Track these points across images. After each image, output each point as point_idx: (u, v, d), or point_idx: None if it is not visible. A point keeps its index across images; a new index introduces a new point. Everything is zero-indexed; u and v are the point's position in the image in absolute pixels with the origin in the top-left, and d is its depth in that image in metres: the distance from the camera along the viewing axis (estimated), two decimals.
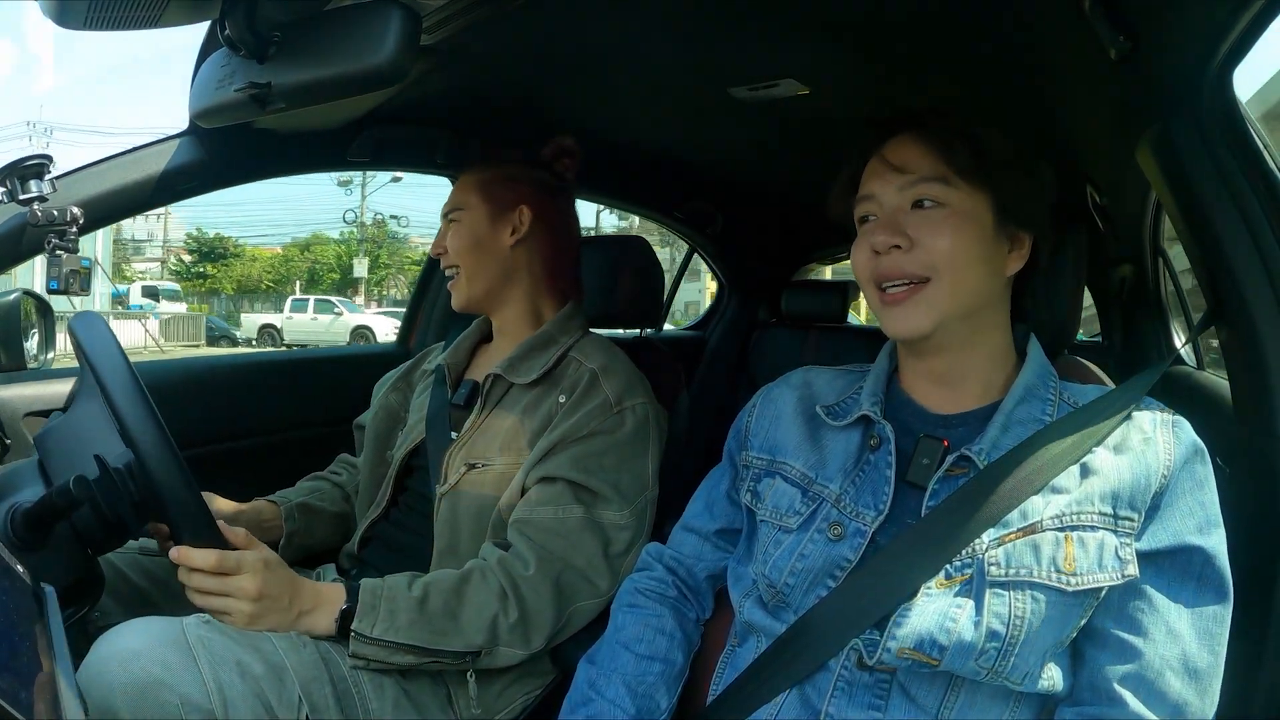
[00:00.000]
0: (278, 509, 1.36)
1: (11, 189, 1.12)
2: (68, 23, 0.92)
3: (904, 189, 0.88)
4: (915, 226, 0.86)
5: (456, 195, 1.36)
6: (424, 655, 1.06)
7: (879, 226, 0.88)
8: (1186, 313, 1.83)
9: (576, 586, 1.15)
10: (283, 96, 0.98)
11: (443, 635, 1.07)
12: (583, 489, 1.17)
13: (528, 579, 1.12)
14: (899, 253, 0.86)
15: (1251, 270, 0.98)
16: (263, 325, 22.34)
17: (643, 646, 0.99)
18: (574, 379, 1.26)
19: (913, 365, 0.94)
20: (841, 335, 2.70)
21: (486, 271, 1.33)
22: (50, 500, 0.85)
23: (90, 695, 0.84)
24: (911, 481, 0.87)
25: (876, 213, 0.90)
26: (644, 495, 1.22)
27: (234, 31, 0.94)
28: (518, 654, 1.11)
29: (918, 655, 0.78)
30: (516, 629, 1.10)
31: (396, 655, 1.05)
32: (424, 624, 1.06)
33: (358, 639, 1.04)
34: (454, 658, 1.08)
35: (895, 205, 0.88)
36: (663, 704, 0.96)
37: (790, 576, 0.87)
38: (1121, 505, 0.79)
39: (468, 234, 1.33)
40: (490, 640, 1.09)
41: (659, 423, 1.27)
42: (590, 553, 1.16)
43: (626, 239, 1.65)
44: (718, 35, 1.22)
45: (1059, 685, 0.79)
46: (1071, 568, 0.77)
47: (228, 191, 1.38)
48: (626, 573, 1.12)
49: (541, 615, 1.12)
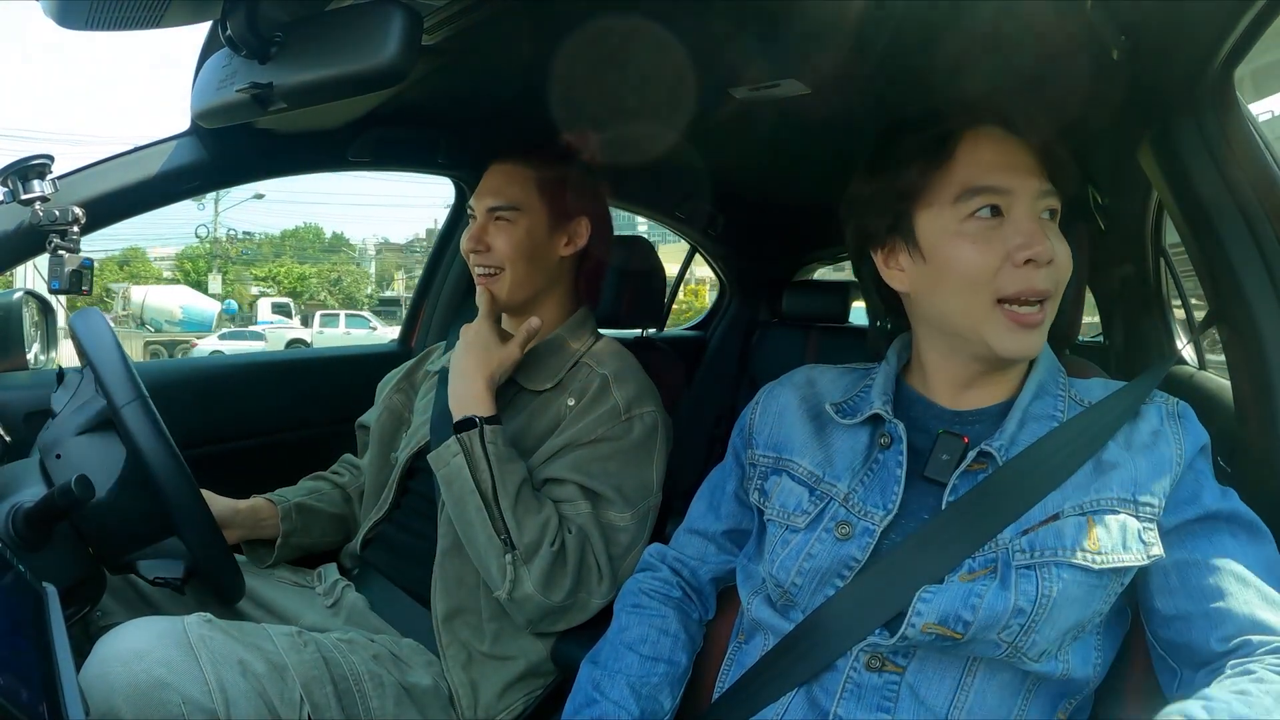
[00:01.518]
0: (275, 509, 1.35)
1: (13, 189, 1.12)
2: (69, 23, 0.92)
3: (1041, 196, 0.82)
4: (1051, 242, 0.80)
5: (510, 190, 1.29)
6: (490, 503, 1.11)
7: (1034, 236, 0.79)
8: (1188, 313, 1.83)
9: (590, 572, 1.16)
10: (284, 97, 0.98)
11: (512, 511, 1.11)
12: (589, 491, 1.18)
13: (569, 539, 1.15)
14: (1050, 268, 0.80)
15: (1253, 270, 0.98)
16: (291, 340, 21.27)
17: (647, 648, 0.98)
18: (584, 383, 1.25)
19: (950, 369, 0.90)
20: (842, 335, 2.70)
21: (533, 279, 1.30)
22: (52, 500, 0.85)
23: (92, 695, 0.84)
24: (930, 478, 0.86)
25: (1005, 209, 0.82)
26: (647, 501, 1.22)
27: (235, 32, 0.94)
28: (530, 591, 1.11)
29: (942, 630, 0.78)
30: (545, 568, 1.11)
31: (483, 475, 1.11)
32: (514, 487, 1.12)
33: (493, 437, 1.13)
34: (500, 530, 1.11)
35: (1032, 211, 0.82)
36: (666, 705, 0.96)
37: (798, 576, 0.87)
38: (1141, 493, 0.80)
39: (524, 238, 1.28)
40: (528, 555, 1.11)
41: (666, 431, 1.27)
42: (597, 549, 1.17)
43: (629, 240, 1.65)
44: (719, 35, 1.21)
45: (1074, 672, 0.79)
46: (1096, 547, 0.77)
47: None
48: (624, 576, 1.12)
49: (563, 575, 1.13)
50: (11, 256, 1.21)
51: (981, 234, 0.81)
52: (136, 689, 0.85)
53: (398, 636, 1.20)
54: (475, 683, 1.16)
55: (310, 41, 0.95)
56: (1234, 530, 0.79)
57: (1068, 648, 0.79)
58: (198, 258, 34.48)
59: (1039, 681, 0.80)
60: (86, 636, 0.98)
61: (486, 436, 1.13)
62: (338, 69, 0.93)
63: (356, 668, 1.06)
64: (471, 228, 1.31)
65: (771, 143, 1.83)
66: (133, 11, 0.88)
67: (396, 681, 1.09)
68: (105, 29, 0.91)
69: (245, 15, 0.93)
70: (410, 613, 1.24)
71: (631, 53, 1.27)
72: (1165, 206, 1.27)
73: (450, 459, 1.14)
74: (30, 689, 0.57)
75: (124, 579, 1.16)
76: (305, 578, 1.35)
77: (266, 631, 1.03)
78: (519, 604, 1.12)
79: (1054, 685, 0.81)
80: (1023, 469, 0.82)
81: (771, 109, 1.51)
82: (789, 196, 2.47)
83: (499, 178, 1.31)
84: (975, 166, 0.83)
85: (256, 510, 1.34)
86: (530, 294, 1.31)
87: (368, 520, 1.34)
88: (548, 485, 1.20)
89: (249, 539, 1.33)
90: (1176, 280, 1.82)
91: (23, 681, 0.56)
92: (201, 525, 0.97)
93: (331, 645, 1.07)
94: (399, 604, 1.26)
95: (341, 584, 1.31)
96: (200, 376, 1.62)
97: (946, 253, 0.83)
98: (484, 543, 1.12)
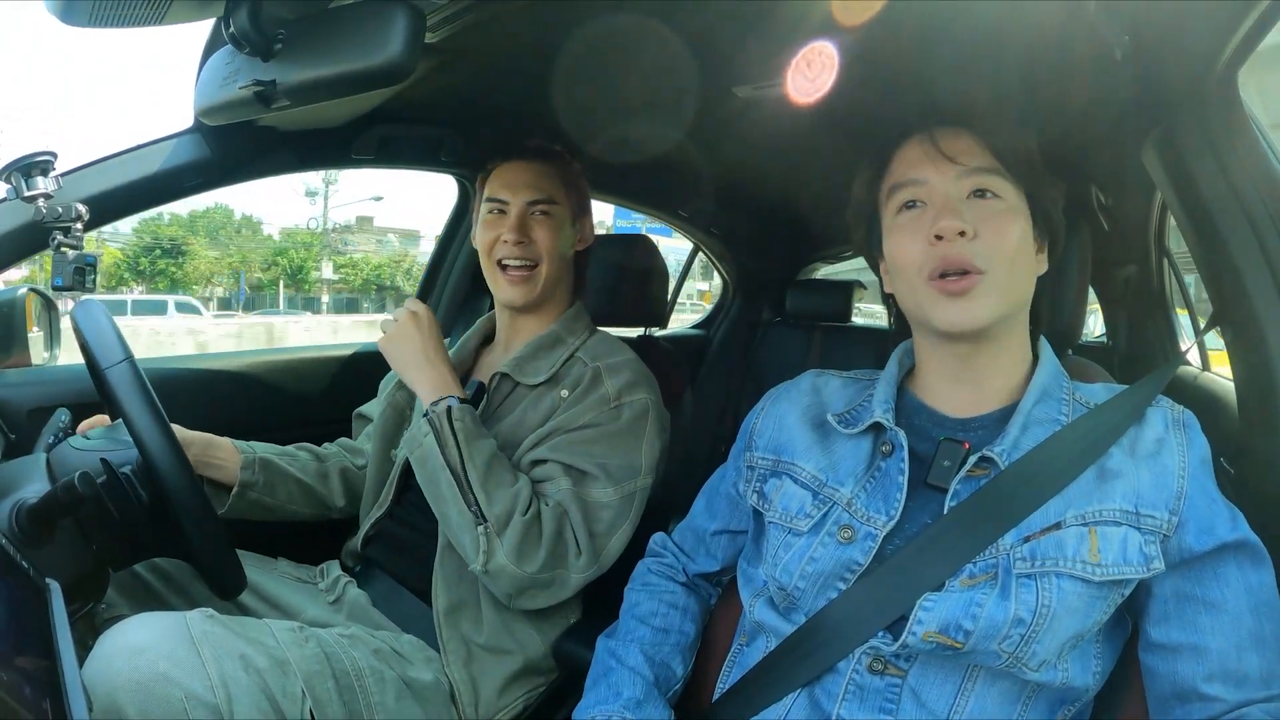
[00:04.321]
0: (236, 452, 1.31)
1: (16, 185, 1.12)
2: (73, 20, 0.92)
3: (961, 177, 0.86)
4: (976, 217, 0.83)
5: (546, 185, 1.32)
6: (459, 478, 1.13)
7: (942, 212, 0.84)
8: (1192, 314, 1.83)
9: (567, 546, 1.16)
10: (287, 94, 0.98)
11: (481, 484, 1.13)
12: (571, 468, 1.19)
13: (545, 511, 1.15)
14: (963, 241, 0.82)
15: (1257, 271, 0.98)
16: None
17: (658, 620, 1.03)
18: (578, 376, 1.27)
19: (940, 365, 0.92)
20: (846, 334, 2.69)
21: (558, 274, 1.34)
22: (55, 496, 0.85)
23: (95, 691, 0.85)
24: (933, 484, 0.87)
25: (925, 199, 0.87)
26: (633, 481, 1.22)
27: (238, 29, 0.95)
28: (504, 562, 1.12)
29: (943, 638, 0.78)
30: (518, 539, 1.11)
31: (451, 452, 1.13)
32: (483, 461, 1.14)
33: (460, 415, 1.15)
34: (471, 504, 1.12)
35: (951, 193, 0.85)
36: (679, 672, 1.01)
37: (801, 580, 0.87)
38: (1144, 505, 0.79)
39: (563, 232, 1.33)
40: (499, 526, 1.11)
41: (659, 417, 1.28)
42: (575, 523, 1.17)
43: (631, 239, 1.65)
44: (721, 34, 1.21)
45: (1074, 681, 0.79)
46: (1096, 559, 0.77)
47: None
48: (607, 558, 1.17)
49: (536, 546, 1.13)
50: (14, 253, 1.21)
51: (908, 224, 0.87)
52: (139, 684, 0.86)
53: (399, 632, 1.21)
54: (475, 679, 1.17)
55: (313, 39, 0.96)
56: (1239, 560, 0.79)
57: (1067, 656, 0.79)
58: (300, 244, 36.89)
59: (1039, 688, 0.80)
60: (92, 630, 0.99)
61: (454, 415, 1.15)
62: (341, 67, 0.93)
63: (358, 663, 1.06)
64: (500, 220, 1.31)
65: (774, 141, 1.83)
66: (136, 9, 0.88)
67: (398, 677, 1.10)
68: (108, 26, 0.92)
69: (248, 12, 0.93)
70: (412, 609, 1.24)
71: (634, 51, 1.27)
72: (1169, 207, 1.26)
73: (422, 439, 1.16)
74: (33, 684, 0.57)
75: (129, 573, 1.16)
76: (307, 573, 1.36)
77: (268, 627, 1.03)
78: (494, 576, 1.13)
79: (1053, 692, 0.81)
80: (1025, 474, 0.82)
81: (774, 107, 1.51)
82: (792, 195, 2.46)
83: (529, 174, 1.32)
84: (901, 165, 0.90)
85: (212, 444, 1.29)
86: (552, 289, 1.35)
87: (369, 517, 1.35)
88: (532, 467, 1.21)
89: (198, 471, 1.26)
90: (1180, 281, 1.82)
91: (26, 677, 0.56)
92: (201, 516, 0.97)
93: (333, 640, 1.07)
94: (400, 600, 1.26)
95: (343, 580, 1.32)
96: (202, 375, 1.62)
97: (890, 249, 0.90)
98: (457, 518, 1.13)
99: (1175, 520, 0.79)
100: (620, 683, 0.96)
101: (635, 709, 0.93)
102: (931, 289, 0.84)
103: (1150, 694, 0.82)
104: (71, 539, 0.91)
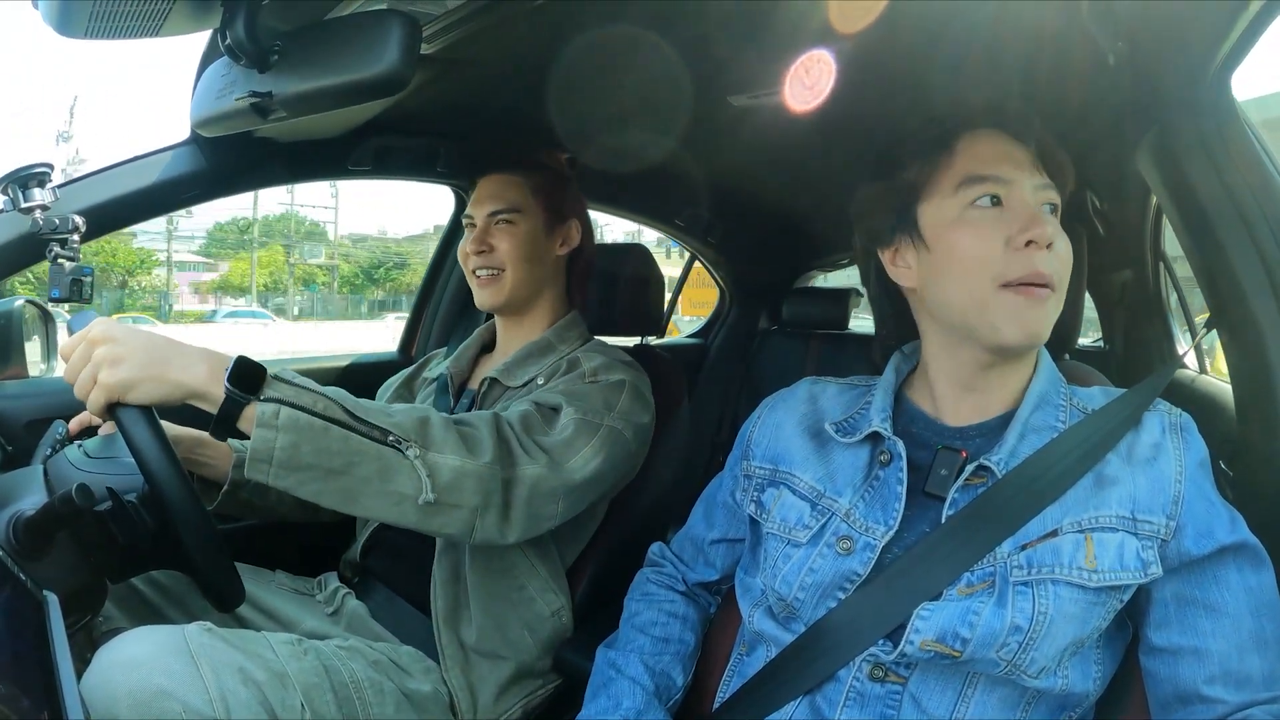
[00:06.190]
0: (228, 451, 1.25)
1: (13, 197, 1.12)
2: (69, 31, 0.92)
3: (1040, 189, 0.84)
4: (1054, 231, 0.82)
5: (510, 194, 1.35)
6: (348, 417, 0.93)
7: (1035, 219, 0.80)
8: (1189, 317, 1.83)
9: (510, 443, 1.07)
10: (284, 105, 0.98)
11: (369, 413, 0.96)
12: (531, 402, 1.17)
13: (470, 416, 1.09)
14: (1049, 253, 0.80)
15: (1253, 274, 0.98)
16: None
17: (658, 629, 1.03)
18: (554, 366, 1.29)
19: (955, 372, 0.90)
20: (843, 342, 2.69)
21: (532, 279, 1.35)
22: (53, 508, 0.84)
23: (93, 704, 0.84)
24: (931, 493, 0.86)
25: (1005, 198, 0.83)
26: (602, 415, 1.17)
27: (234, 40, 0.95)
28: (454, 461, 0.98)
29: (940, 647, 0.78)
30: (452, 437, 1.00)
31: (319, 403, 0.92)
32: (353, 399, 0.97)
33: (276, 381, 0.91)
34: (380, 433, 0.95)
35: (1031, 201, 0.83)
36: (679, 681, 1.00)
37: (800, 591, 0.87)
38: (1140, 510, 0.79)
39: (525, 239, 1.34)
40: (421, 436, 0.97)
41: (640, 397, 1.26)
42: (517, 428, 1.10)
43: (627, 248, 1.65)
44: (717, 43, 1.22)
45: (1074, 687, 0.79)
46: (1093, 565, 0.77)
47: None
48: (571, 475, 1.09)
49: (476, 439, 1.03)
50: (11, 265, 1.21)
51: (982, 220, 0.83)
52: (137, 698, 0.85)
53: (397, 644, 1.20)
54: (473, 685, 1.17)
55: (310, 50, 0.96)
56: (1239, 562, 0.79)
57: (1067, 663, 0.79)
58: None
59: (1039, 695, 0.80)
60: (90, 643, 0.98)
61: (281, 375, 0.94)
62: (338, 78, 0.93)
63: (357, 675, 1.06)
64: (472, 233, 1.35)
65: (771, 150, 1.83)
66: (132, 20, 0.88)
67: (396, 688, 1.09)
68: (104, 37, 0.92)
69: (244, 24, 0.93)
70: (410, 620, 1.24)
71: (630, 61, 1.28)
72: (1164, 210, 1.27)
73: (277, 431, 0.90)
74: (31, 697, 0.56)
75: (127, 585, 1.16)
76: (305, 585, 1.35)
77: (267, 640, 1.03)
78: (452, 488, 0.97)
79: (1054, 698, 0.81)
80: (1022, 482, 0.81)
81: (771, 116, 1.51)
82: (789, 203, 2.46)
83: (495, 185, 1.36)
84: (974, 159, 0.85)
85: (202, 442, 1.24)
86: (529, 294, 1.36)
87: (366, 528, 1.34)
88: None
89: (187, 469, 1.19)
90: (1176, 284, 1.82)
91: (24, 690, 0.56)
92: (200, 530, 0.96)
93: (331, 652, 1.07)
94: (399, 611, 1.26)
95: (342, 591, 1.31)
96: None
97: (949, 241, 0.84)
98: (376, 465, 0.94)
99: (1173, 525, 0.79)
100: (621, 693, 0.96)
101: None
102: (1005, 294, 0.81)
103: (1152, 697, 0.81)
104: (69, 551, 0.91)
